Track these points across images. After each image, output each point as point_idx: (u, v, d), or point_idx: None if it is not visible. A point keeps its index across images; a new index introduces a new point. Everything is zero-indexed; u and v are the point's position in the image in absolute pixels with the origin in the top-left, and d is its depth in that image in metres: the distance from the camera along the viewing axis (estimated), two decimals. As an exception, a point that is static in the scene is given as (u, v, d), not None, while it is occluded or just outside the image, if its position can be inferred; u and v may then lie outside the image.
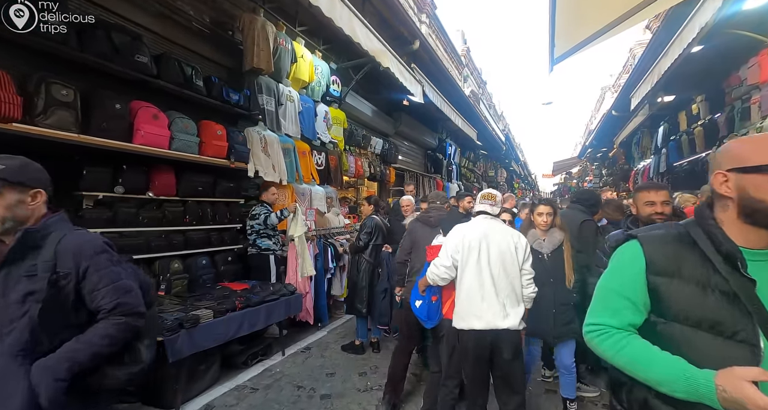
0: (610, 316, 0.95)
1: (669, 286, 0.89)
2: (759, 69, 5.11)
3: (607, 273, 1.01)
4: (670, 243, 0.93)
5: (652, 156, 10.05)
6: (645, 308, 0.93)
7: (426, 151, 10.59)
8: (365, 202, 4.07)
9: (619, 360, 0.92)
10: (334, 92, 5.44)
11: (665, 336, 0.89)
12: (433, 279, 2.30)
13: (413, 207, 3.82)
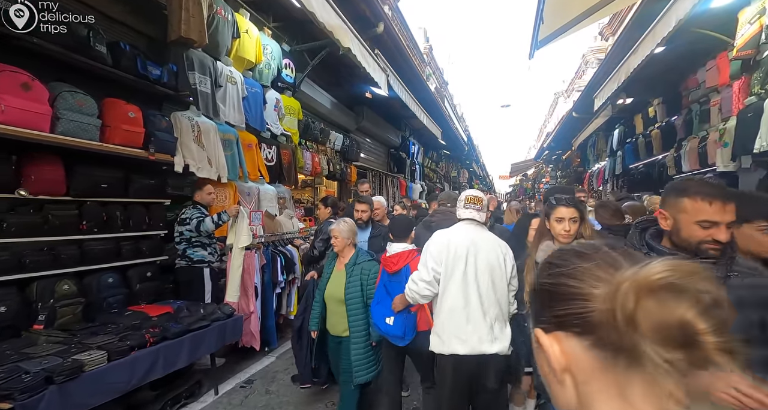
0: None
1: None
2: (718, 72, 5.15)
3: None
4: None
5: (608, 158, 10.32)
6: None
7: (389, 150, 10.12)
8: (321, 204, 3.49)
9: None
10: (286, 77, 4.77)
11: None
12: (412, 298, 1.96)
13: (384, 211, 3.33)
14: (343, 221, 2.39)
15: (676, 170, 6.21)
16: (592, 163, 12.31)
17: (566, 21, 2.52)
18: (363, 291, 2.28)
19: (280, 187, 4.96)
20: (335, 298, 2.33)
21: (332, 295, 2.35)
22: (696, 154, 5.48)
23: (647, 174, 7.74)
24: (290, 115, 4.98)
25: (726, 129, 4.71)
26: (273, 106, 4.50)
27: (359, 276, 2.29)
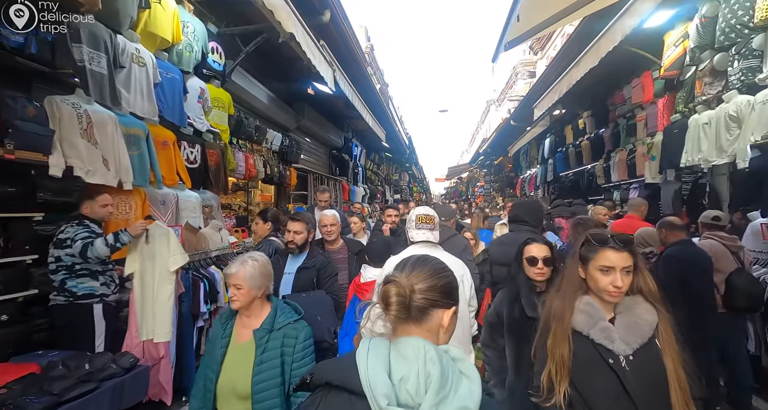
0: None
1: None
2: (642, 89, 5.55)
3: None
4: None
5: (539, 165, 10.94)
6: None
7: (331, 151, 9.58)
8: (260, 219, 2.90)
9: None
10: (214, 64, 4.03)
11: None
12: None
13: (339, 228, 2.92)
14: (251, 258, 1.53)
15: (606, 179, 6.63)
16: (524, 169, 13.03)
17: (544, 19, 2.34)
18: (284, 377, 1.44)
19: (205, 193, 4.19)
20: (234, 391, 1.42)
21: (229, 386, 1.43)
22: (625, 166, 5.86)
23: (576, 182, 8.25)
24: (219, 108, 4.24)
25: (653, 143, 5.05)
26: (196, 96, 3.75)
27: (279, 352, 1.44)
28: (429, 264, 0.85)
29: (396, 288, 0.78)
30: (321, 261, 2.43)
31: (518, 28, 2.41)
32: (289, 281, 2.36)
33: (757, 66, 3.50)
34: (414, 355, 0.71)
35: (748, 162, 3.44)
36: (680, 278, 2.50)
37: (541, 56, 16.15)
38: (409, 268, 0.83)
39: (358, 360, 0.71)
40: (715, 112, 3.87)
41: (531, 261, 1.77)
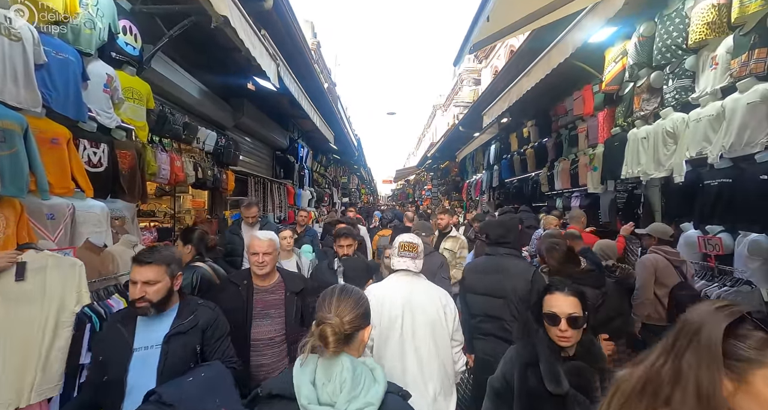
0: None
1: None
2: (583, 102, 5.80)
3: None
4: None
5: (485, 171, 11.24)
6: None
7: (274, 152, 8.91)
8: (181, 241, 2.38)
9: None
10: (127, 48, 3.35)
11: None
12: None
13: (275, 256, 2.42)
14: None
15: (549, 187, 6.87)
16: (470, 174, 13.36)
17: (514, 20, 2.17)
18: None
19: (116, 203, 3.48)
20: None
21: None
22: (568, 175, 6.08)
23: (521, 188, 8.53)
24: (134, 101, 3.54)
25: (595, 155, 5.26)
26: (101, 84, 3.06)
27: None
28: (351, 296, 1.09)
29: (331, 329, 0.99)
30: (205, 317, 1.66)
31: (488, 29, 2.22)
32: (152, 361, 1.53)
33: (689, 85, 3.71)
34: (335, 366, 0.97)
35: (683, 176, 3.62)
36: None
37: (485, 65, 16.80)
38: (336, 303, 1.06)
39: (294, 374, 0.98)
40: (652, 127, 4.07)
41: (551, 318, 1.36)
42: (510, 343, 2.08)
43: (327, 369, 0.98)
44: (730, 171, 3.24)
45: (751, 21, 2.92)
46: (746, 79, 2.96)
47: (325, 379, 0.97)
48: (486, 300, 2.08)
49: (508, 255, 2.21)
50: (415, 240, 1.90)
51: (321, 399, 0.94)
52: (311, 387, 0.95)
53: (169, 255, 1.65)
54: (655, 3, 3.96)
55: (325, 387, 0.95)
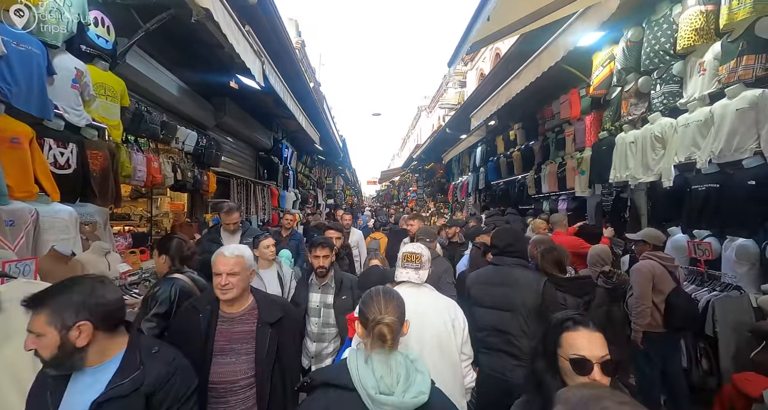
0: None
1: None
2: (570, 106, 5.83)
3: None
4: None
5: (470, 173, 11.26)
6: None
7: (258, 153, 8.66)
8: (157, 250, 2.19)
9: None
10: (99, 41, 3.12)
11: None
12: None
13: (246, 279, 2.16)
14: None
15: (536, 190, 6.90)
16: (456, 176, 13.39)
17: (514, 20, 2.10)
18: None
19: (86, 207, 3.24)
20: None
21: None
22: (555, 178, 6.11)
23: (507, 191, 8.56)
24: (107, 98, 3.31)
25: (583, 158, 5.28)
26: (70, 79, 2.83)
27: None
28: (394, 297, 1.23)
29: (388, 327, 1.13)
30: (153, 375, 1.22)
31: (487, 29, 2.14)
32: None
33: (677, 91, 3.74)
34: (391, 361, 1.11)
35: (672, 181, 3.65)
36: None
37: (471, 67, 16.92)
38: (384, 304, 1.18)
39: (350, 366, 1.11)
40: (640, 131, 4.10)
41: (579, 365, 1.04)
42: (516, 358, 2.00)
43: (384, 363, 1.11)
44: (718, 176, 3.28)
45: (740, 28, 2.95)
46: (735, 86, 2.98)
47: (383, 372, 1.09)
48: (493, 314, 1.99)
49: (516, 265, 2.12)
50: (419, 250, 1.83)
51: (380, 389, 1.06)
52: (374, 379, 1.07)
53: (63, 300, 1.15)
54: (643, 8, 3.99)
55: (384, 379, 1.07)
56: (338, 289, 2.60)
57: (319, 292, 2.64)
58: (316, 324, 2.56)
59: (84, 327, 1.16)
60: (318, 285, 2.65)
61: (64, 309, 1.16)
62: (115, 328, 1.26)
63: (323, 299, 2.60)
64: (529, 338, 2.00)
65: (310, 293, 2.63)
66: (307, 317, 2.58)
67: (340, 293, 2.58)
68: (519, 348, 1.97)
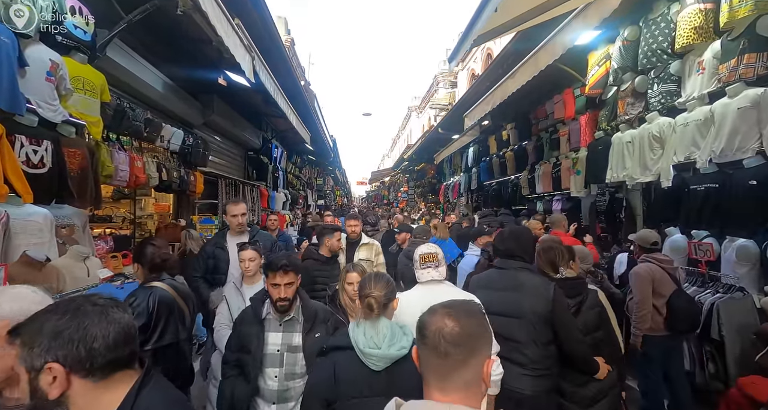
0: None
1: None
2: (564, 106, 5.81)
3: None
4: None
5: (462, 173, 11.22)
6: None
7: (247, 152, 8.44)
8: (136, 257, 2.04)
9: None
10: (76, 31, 2.91)
11: None
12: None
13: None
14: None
15: (530, 190, 6.86)
16: (447, 176, 13.35)
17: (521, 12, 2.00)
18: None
19: (63, 209, 3.05)
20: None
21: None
22: (550, 178, 6.07)
23: (500, 191, 8.53)
24: (86, 92, 3.11)
25: (578, 158, 5.25)
26: (44, 72, 2.62)
27: None
28: (383, 278, 1.57)
29: (374, 299, 1.45)
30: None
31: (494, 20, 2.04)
32: None
33: (675, 90, 3.71)
34: (378, 325, 1.41)
35: (671, 181, 3.62)
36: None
37: (462, 68, 16.93)
38: (374, 283, 1.52)
39: (349, 332, 1.44)
40: (638, 131, 4.06)
41: None
42: (522, 367, 1.90)
43: (373, 327, 1.41)
44: (717, 176, 3.25)
45: (740, 26, 2.92)
46: (736, 84, 2.95)
47: (372, 333, 1.40)
48: (500, 321, 1.89)
49: (522, 269, 2.04)
50: (433, 249, 2.01)
51: (369, 345, 1.37)
52: (364, 338, 1.38)
53: (35, 329, 0.84)
54: (640, 7, 3.96)
55: (373, 338, 1.38)
56: (310, 325, 1.91)
57: (280, 331, 1.90)
58: (276, 378, 1.85)
59: (54, 370, 0.81)
60: (278, 321, 1.91)
61: (34, 343, 0.82)
62: (109, 374, 0.87)
63: (287, 340, 1.89)
64: (537, 346, 1.90)
65: (265, 333, 1.89)
66: (261, 369, 1.85)
67: (313, 329, 1.90)
68: (526, 356, 1.89)
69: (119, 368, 0.89)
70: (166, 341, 1.92)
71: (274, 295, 1.86)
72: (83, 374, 0.84)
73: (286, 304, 1.86)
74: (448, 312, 0.86)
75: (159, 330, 1.90)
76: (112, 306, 0.90)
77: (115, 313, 0.89)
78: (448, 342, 0.81)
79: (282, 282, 1.84)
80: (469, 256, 3.71)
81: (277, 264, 1.84)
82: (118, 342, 0.86)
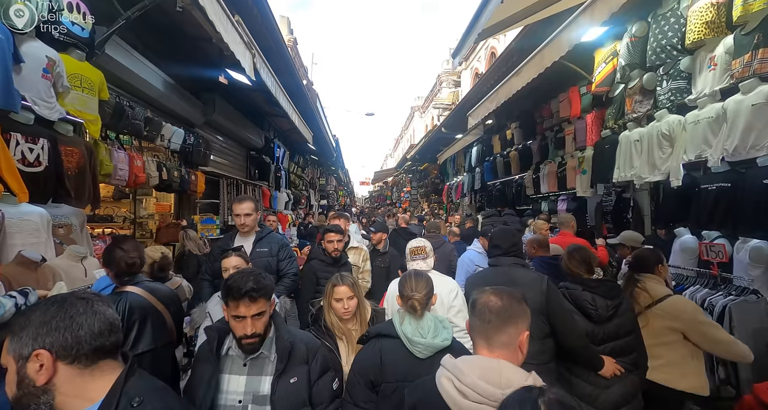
0: None
1: None
2: (569, 104, 5.71)
3: None
4: None
5: (466, 173, 11.13)
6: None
7: (249, 152, 8.40)
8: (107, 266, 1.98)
9: None
10: (74, 28, 2.87)
11: None
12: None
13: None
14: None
15: (535, 190, 6.77)
16: (451, 176, 13.25)
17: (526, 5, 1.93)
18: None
19: (60, 208, 3.00)
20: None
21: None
22: (555, 178, 5.98)
23: (503, 191, 8.43)
24: (83, 90, 3.06)
25: (584, 157, 5.15)
26: (40, 69, 2.58)
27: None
28: (423, 278, 1.68)
29: (417, 301, 1.57)
30: None
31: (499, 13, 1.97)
32: None
33: (685, 87, 3.62)
34: (423, 321, 1.53)
35: (681, 180, 3.52)
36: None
37: (466, 67, 16.82)
38: (415, 284, 1.63)
39: (394, 322, 1.56)
40: (646, 129, 3.97)
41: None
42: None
43: (417, 322, 1.54)
44: (729, 175, 3.16)
45: (754, 20, 2.83)
46: (749, 80, 2.86)
47: (417, 325, 1.53)
48: None
49: (514, 265, 2.10)
50: (422, 243, 2.35)
51: (416, 334, 1.49)
52: (411, 327, 1.51)
53: (23, 320, 0.89)
54: (649, 2, 3.87)
55: (417, 329, 1.51)
56: (284, 365, 1.42)
57: (244, 373, 1.43)
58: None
59: (41, 356, 0.85)
60: (241, 360, 1.44)
61: (22, 332, 0.87)
62: (94, 362, 0.90)
63: (252, 387, 1.41)
64: (534, 340, 1.86)
65: (222, 377, 1.42)
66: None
67: (287, 372, 1.42)
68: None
69: (104, 356, 0.92)
70: (140, 349, 1.80)
71: (238, 331, 1.39)
72: (69, 360, 0.87)
73: (254, 342, 1.40)
74: (494, 291, 1.15)
75: (132, 338, 1.78)
76: (97, 300, 0.95)
77: (99, 306, 0.94)
78: (491, 312, 1.09)
79: (248, 314, 1.37)
80: (471, 251, 3.65)
81: (240, 290, 1.34)
82: (102, 331, 0.91)
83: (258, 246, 2.85)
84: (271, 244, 2.89)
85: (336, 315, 1.95)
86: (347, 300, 1.94)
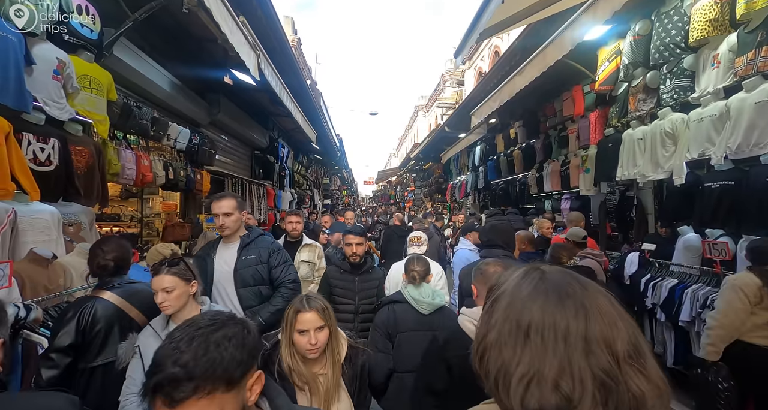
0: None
1: None
2: (573, 103, 5.70)
3: None
4: None
5: (469, 172, 11.12)
6: None
7: (253, 152, 8.47)
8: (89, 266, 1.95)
9: None
10: (83, 30, 2.93)
11: None
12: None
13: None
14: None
15: (538, 189, 6.77)
16: (454, 175, 13.25)
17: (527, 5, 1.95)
18: None
19: (70, 207, 3.07)
20: None
21: None
22: (558, 177, 5.98)
23: (507, 190, 8.43)
24: (92, 91, 3.12)
25: (587, 156, 5.15)
26: (51, 70, 2.64)
27: None
28: (421, 259, 2.21)
29: (417, 273, 2.12)
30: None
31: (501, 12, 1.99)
32: None
33: (689, 85, 3.61)
34: (422, 288, 2.09)
35: (684, 178, 3.52)
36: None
37: (469, 66, 16.81)
38: (416, 263, 2.16)
39: (403, 291, 2.10)
40: (649, 128, 3.97)
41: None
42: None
43: (418, 290, 2.07)
44: (732, 173, 3.15)
45: (758, 17, 2.82)
46: (753, 78, 2.86)
47: (419, 292, 2.06)
48: None
49: (504, 256, 2.33)
50: (419, 234, 3.07)
51: (419, 298, 2.03)
52: (416, 294, 2.04)
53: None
54: (652, 0, 3.86)
55: (420, 294, 2.04)
56: None
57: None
58: None
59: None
60: None
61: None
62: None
63: None
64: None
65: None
66: None
67: None
68: None
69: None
70: (98, 362, 1.71)
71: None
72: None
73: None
74: (500, 263, 1.52)
75: (97, 347, 1.70)
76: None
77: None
78: (495, 273, 1.33)
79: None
80: (463, 250, 3.48)
81: (163, 382, 0.69)
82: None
83: (244, 254, 2.37)
84: (260, 250, 2.40)
85: (297, 355, 1.43)
86: (315, 333, 1.40)
